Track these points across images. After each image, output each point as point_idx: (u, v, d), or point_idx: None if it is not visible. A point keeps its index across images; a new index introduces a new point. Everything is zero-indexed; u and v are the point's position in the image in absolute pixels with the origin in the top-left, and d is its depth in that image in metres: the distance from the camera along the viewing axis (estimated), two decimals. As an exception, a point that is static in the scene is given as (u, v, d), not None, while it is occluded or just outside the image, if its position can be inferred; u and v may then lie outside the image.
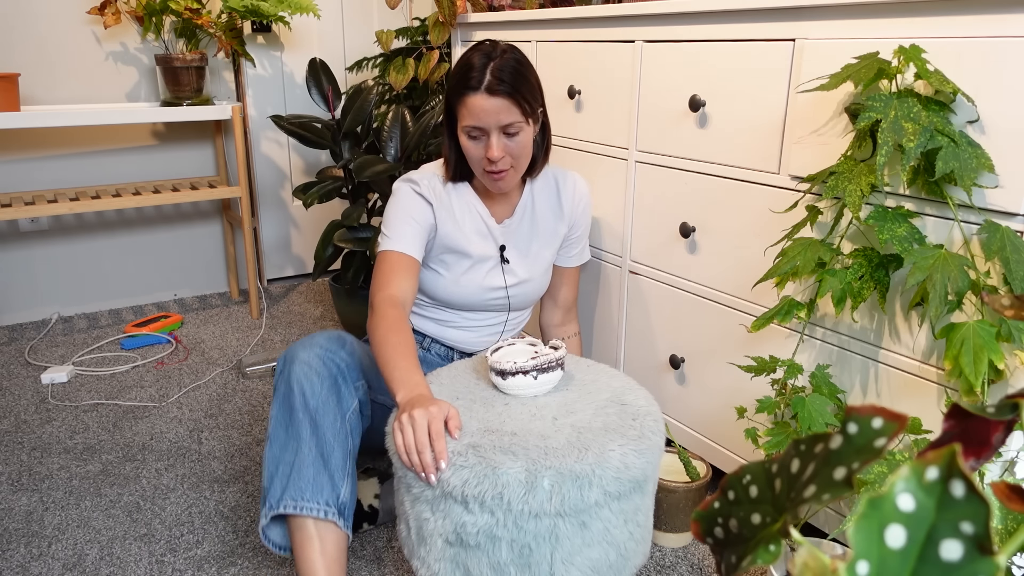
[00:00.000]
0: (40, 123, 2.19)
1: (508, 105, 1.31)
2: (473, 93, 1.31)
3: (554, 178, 1.55)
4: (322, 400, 1.19)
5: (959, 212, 1.07)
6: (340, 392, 1.22)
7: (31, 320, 2.62)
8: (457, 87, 1.34)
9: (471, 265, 1.46)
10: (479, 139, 1.34)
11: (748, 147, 1.39)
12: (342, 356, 1.25)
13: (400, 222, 1.39)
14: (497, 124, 1.31)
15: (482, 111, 1.30)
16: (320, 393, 1.20)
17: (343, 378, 1.23)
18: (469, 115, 1.32)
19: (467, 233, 1.45)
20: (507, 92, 1.31)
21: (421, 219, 1.40)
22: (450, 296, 1.47)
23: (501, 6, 2.26)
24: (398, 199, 1.42)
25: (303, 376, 1.20)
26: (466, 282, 1.46)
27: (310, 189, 2.52)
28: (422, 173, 1.45)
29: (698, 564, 1.41)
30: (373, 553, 1.43)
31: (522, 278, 1.51)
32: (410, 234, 1.38)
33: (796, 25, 1.27)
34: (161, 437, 1.85)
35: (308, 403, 1.19)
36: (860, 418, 0.36)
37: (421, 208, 1.41)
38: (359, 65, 2.77)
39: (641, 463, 1.01)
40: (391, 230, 1.39)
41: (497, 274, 1.48)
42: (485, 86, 1.30)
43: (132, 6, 2.40)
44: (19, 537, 1.47)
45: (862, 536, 0.31)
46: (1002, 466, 1.04)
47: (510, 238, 1.50)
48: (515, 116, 1.32)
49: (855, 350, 1.25)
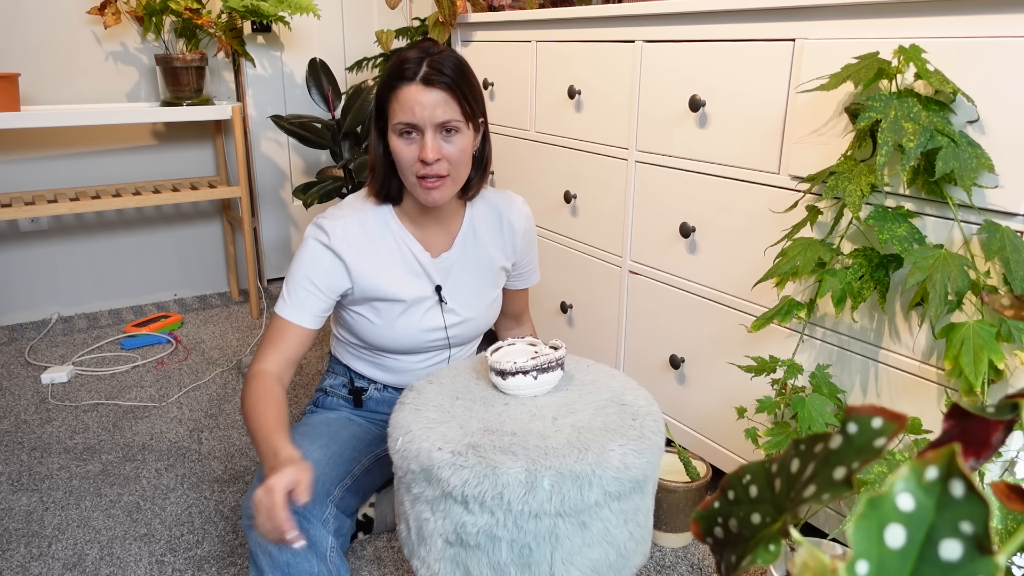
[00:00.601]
0: (40, 123, 2.19)
1: (446, 99, 1.19)
2: (407, 84, 1.18)
3: (494, 205, 1.42)
4: (290, 558, 1.13)
5: (959, 212, 1.07)
6: (309, 536, 1.15)
7: (31, 320, 2.62)
8: (388, 80, 1.20)
9: (404, 309, 1.35)
10: (412, 139, 1.20)
11: (748, 147, 1.39)
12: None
13: (298, 286, 1.27)
14: (433, 120, 1.18)
15: (416, 104, 1.17)
16: (285, 552, 1.13)
17: (307, 520, 1.17)
18: (401, 110, 1.19)
19: (395, 277, 1.32)
20: (446, 84, 1.18)
21: (323, 282, 1.28)
22: (383, 342, 1.38)
23: (501, 6, 2.26)
24: (302, 256, 1.28)
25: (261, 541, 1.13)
26: (401, 326, 1.35)
27: (310, 189, 2.53)
28: (338, 217, 1.29)
29: (698, 564, 1.41)
30: (373, 553, 1.43)
31: (464, 317, 1.40)
32: (307, 303, 1.27)
33: (796, 25, 1.27)
34: (161, 437, 1.85)
35: (277, 561, 1.12)
36: (860, 418, 0.36)
37: (327, 268, 1.28)
38: (359, 65, 2.77)
39: (641, 463, 1.01)
40: (288, 292, 1.28)
41: (435, 315, 1.37)
42: (421, 76, 1.18)
43: (132, 6, 2.40)
44: (19, 537, 1.47)
45: (862, 536, 0.31)
46: (1002, 466, 1.04)
47: (448, 275, 1.37)
48: (454, 113, 1.20)
49: (855, 350, 1.25)
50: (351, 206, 1.33)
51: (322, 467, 1.26)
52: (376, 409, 1.51)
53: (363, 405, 1.50)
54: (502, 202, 1.44)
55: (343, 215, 1.30)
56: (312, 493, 1.19)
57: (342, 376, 1.52)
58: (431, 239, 1.37)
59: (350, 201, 1.35)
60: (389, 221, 1.33)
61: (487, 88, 2.16)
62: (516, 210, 1.44)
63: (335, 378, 1.53)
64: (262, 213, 2.95)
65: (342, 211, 1.31)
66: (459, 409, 1.11)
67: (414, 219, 1.35)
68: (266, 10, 2.35)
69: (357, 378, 1.50)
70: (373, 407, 1.51)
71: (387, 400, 1.50)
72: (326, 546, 1.17)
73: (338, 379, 1.52)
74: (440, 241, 1.37)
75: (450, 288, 1.38)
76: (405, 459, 1.04)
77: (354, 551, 1.43)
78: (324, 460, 1.28)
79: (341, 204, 1.34)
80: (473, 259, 1.40)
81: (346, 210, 1.31)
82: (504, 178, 2.17)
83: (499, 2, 2.27)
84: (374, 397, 1.50)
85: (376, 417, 1.51)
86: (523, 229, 1.46)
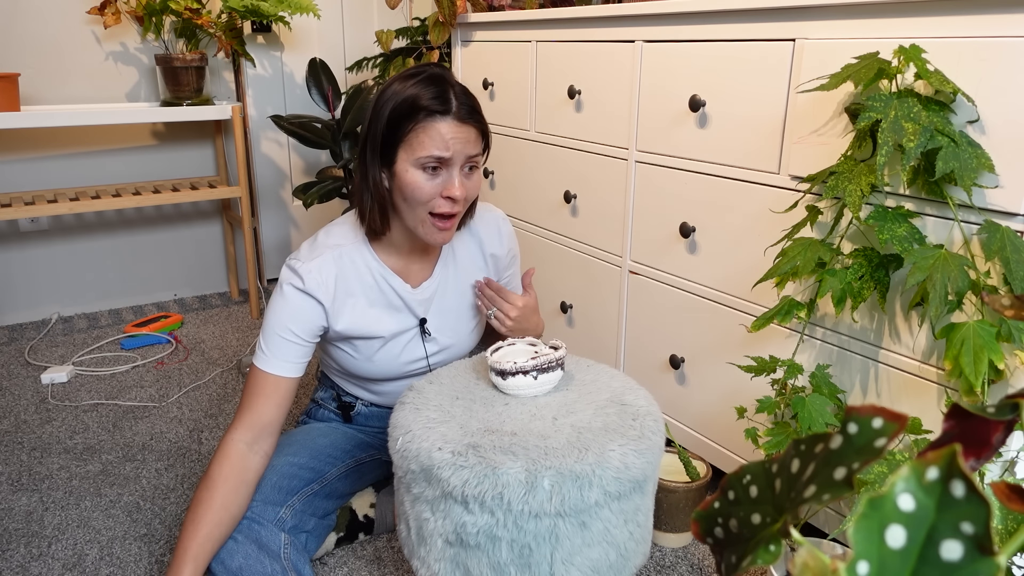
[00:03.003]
0: (40, 123, 2.19)
1: (476, 137, 1.18)
2: (441, 118, 1.13)
3: (473, 231, 1.39)
4: (241, 562, 1.14)
5: (959, 212, 1.07)
6: (259, 538, 1.17)
7: (31, 320, 2.62)
8: (413, 111, 1.14)
9: (383, 344, 1.33)
10: (436, 173, 1.17)
11: (748, 147, 1.39)
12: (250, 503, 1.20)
13: (275, 335, 1.22)
14: (465, 155, 1.16)
15: (452, 138, 1.14)
16: (236, 556, 1.15)
17: (257, 523, 1.18)
18: (431, 143, 1.14)
19: (373, 315, 1.30)
20: (476, 122, 1.17)
21: (302, 328, 1.23)
22: (363, 372, 1.37)
23: (501, 6, 2.26)
24: (276, 303, 1.23)
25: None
26: (380, 359, 1.34)
27: (310, 189, 2.53)
28: (312, 258, 1.24)
29: (698, 564, 1.41)
30: (373, 553, 1.43)
31: (445, 345, 1.39)
32: (286, 352, 1.23)
33: (796, 25, 1.27)
34: (161, 437, 1.85)
35: (229, 567, 1.14)
36: (860, 418, 0.36)
37: (305, 313, 1.23)
38: (359, 65, 2.77)
39: (641, 463, 1.01)
40: (265, 342, 1.23)
41: (416, 345, 1.36)
42: (455, 112, 1.14)
43: (132, 6, 2.40)
44: (19, 537, 1.47)
45: (862, 536, 0.31)
46: (1002, 466, 1.04)
47: (430, 304, 1.36)
48: (480, 148, 1.19)
49: (855, 350, 1.25)
50: (325, 244, 1.28)
51: (279, 475, 1.27)
52: (366, 423, 1.52)
53: (352, 420, 1.52)
54: (480, 226, 1.40)
55: (318, 255, 1.25)
56: (263, 499, 1.22)
57: (331, 390, 1.53)
58: (411, 269, 1.34)
59: (325, 237, 1.29)
60: (367, 258, 1.29)
61: (487, 88, 2.17)
62: (495, 236, 1.42)
63: (325, 391, 1.54)
64: (262, 213, 2.95)
65: (317, 251, 1.26)
66: (459, 409, 1.11)
67: (397, 251, 1.31)
68: (266, 10, 2.35)
69: (344, 394, 1.51)
70: (362, 421, 1.52)
71: (376, 415, 1.51)
72: (279, 543, 1.18)
73: (328, 392, 1.54)
74: (419, 269, 1.35)
75: (432, 317, 1.37)
76: (405, 459, 1.04)
77: (354, 551, 1.43)
78: (283, 468, 1.28)
79: (315, 242, 1.28)
80: (454, 285, 1.39)
81: (320, 249, 1.26)
82: (504, 178, 2.17)
83: (499, 2, 2.27)
84: (362, 412, 1.51)
85: (366, 429, 1.52)
86: (505, 253, 1.44)
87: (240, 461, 1.18)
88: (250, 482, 1.19)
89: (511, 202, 2.15)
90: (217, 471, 1.17)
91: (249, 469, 1.19)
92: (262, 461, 1.22)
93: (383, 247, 1.31)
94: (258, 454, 1.21)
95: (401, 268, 1.33)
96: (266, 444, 1.23)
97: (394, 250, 1.31)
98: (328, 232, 1.31)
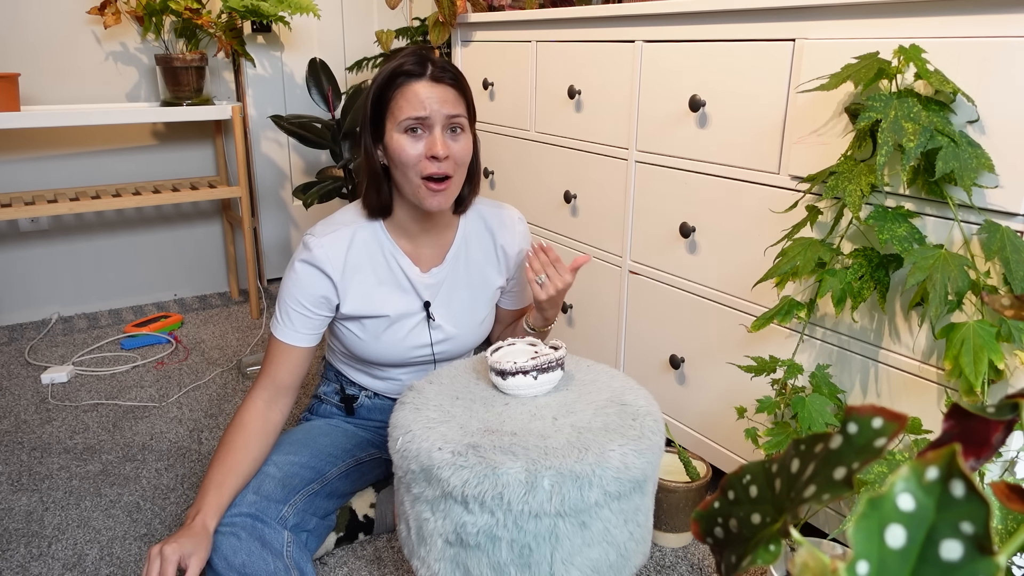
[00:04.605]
0: (40, 123, 2.19)
1: (455, 96, 1.21)
2: (415, 80, 1.19)
3: (487, 222, 1.41)
4: (244, 559, 1.15)
5: (959, 212, 1.07)
6: (263, 536, 1.17)
7: (31, 320, 2.62)
8: (391, 79, 1.20)
9: (389, 324, 1.35)
10: (418, 135, 1.20)
11: (748, 147, 1.39)
12: (249, 499, 1.20)
13: (287, 306, 1.29)
14: (443, 113, 1.19)
15: (427, 98, 1.18)
16: (239, 553, 1.15)
17: (260, 521, 1.19)
18: (409, 105, 1.18)
19: (381, 293, 1.33)
20: (452, 82, 1.21)
21: (311, 301, 1.28)
22: (369, 355, 1.39)
23: (501, 6, 2.26)
24: (288, 277, 1.29)
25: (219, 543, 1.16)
26: (386, 340, 1.36)
27: (310, 189, 2.53)
28: (326, 233, 1.29)
29: (698, 564, 1.41)
30: (373, 553, 1.43)
31: (450, 334, 1.40)
32: (298, 322, 1.29)
33: (796, 25, 1.27)
34: (161, 437, 1.85)
35: (232, 564, 1.14)
36: (860, 418, 0.36)
37: (314, 287, 1.28)
38: (359, 65, 2.77)
39: (641, 463, 1.01)
40: (280, 313, 1.30)
41: (422, 331, 1.37)
42: (429, 74, 1.19)
43: (132, 6, 2.40)
44: (19, 537, 1.47)
45: (862, 536, 0.31)
46: (1002, 466, 1.04)
47: (438, 291, 1.37)
48: (460, 109, 1.21)
49: (855, 350, 1.25)
50: (341, 220, 1.32)
51: (281, 473, 1.28)
52: (368, 417, 1.52)
53: (355, 413, 1.52)
54: (495, 221, 1.42)
55: (331, 230, 1.29)
56: (266, 496, 1.24)
57: (334, 383, 1.53)
58: (422, 253, 1.36)
59: (341, 215, 1.34)
60: (379, 236, 1.33)
61: (487, 88, 2.17)
62: (509, 230, 1.43)
63: (328, 384, 1.54)
64: (262, 213, 2.95)
65: (331, 226, 1.30)
66: (459, 409, 1.12)
67: (407, 232, 1.33)
68: (266, 10, 2.35)
69: (348, 385, 1.51)
70: (365, 415, 1.52)
71: (378, 407, 1.51)
72: (281, 542, 1.19)
73: (331, 386, 1.53)
74: (431, 255, 1.37)
75: (439, 305, 1.38)
76: (405, 459, 1.04)
77: (354, 551, 1.43)
78: (284, 467, 1.29)
79: (333, 217, 1.33)
80: (465, 276, 1.39)
81: (335, 224, 1.31)
82: (504, 178, 2.17)
83: (499, 2, 2.27)
84: (365, 405, 1.51)
85: (368, 424, 1.51)
86: (516, 250, 1.45)
87: (261, 414, 1.28)
88: (270, 432, 1.28)
89: (511, 202, 2.15)
90: (239, 420, 1.26)
91: (269, 421, 1.28)
92: (280, 417, 1.31)
93: (394, 228, 1.34)
94: (276, 410, 1.30)
95: (412, 251, 1.35)
96: (283, 402, 1.31)
97: (404, 231, 1.34)
98: (344, 210, 1.36)
